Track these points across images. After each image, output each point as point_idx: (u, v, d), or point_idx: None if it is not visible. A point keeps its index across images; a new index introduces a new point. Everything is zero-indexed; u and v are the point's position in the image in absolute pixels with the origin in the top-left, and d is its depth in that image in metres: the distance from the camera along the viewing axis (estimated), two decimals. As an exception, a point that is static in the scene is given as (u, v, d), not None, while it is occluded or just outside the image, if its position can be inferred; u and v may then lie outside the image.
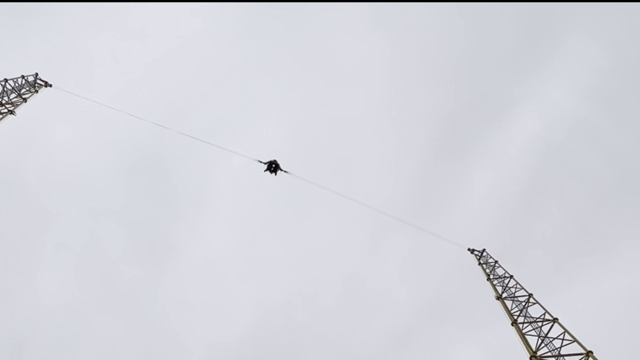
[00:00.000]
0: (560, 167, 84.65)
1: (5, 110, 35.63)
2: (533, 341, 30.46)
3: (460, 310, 76.54)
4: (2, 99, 35.79)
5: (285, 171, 44.27)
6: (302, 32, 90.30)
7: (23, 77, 38.08)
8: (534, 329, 31.79)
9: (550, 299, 35.28)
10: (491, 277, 41.04)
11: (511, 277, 39.45)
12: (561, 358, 28.09)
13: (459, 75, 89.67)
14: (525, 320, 32.95)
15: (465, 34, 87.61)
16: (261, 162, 43.55)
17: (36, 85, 38.93)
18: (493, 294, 38.08)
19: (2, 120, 35.11)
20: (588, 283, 73.48)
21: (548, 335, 30.37)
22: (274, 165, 43.62)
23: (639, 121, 78.92)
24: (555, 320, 31.49)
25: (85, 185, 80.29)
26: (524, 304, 35.01)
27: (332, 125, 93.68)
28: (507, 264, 41.10)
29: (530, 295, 35.63)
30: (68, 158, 79.06)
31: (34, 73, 38.89)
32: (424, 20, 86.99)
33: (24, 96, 37.24)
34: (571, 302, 67.78)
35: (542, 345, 29.79)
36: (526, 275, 39.93)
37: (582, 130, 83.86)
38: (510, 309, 34.92)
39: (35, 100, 38.23)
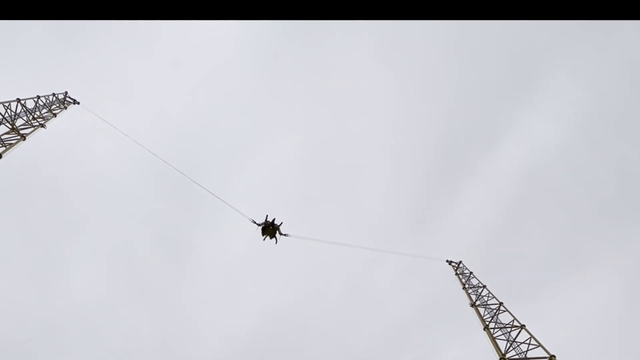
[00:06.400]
0: (543, 192, 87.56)
1: (37, 124, 36.21)
2: (503, 345, 31.16)
3: (448, 315, 78.41)
4: (35, 114, 36.39)
5: (284, 234, 36.89)
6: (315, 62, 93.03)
7: (54, 94, 38.79)
8: (503, 334, 32.53)
9: (524, 308, 36.27)
10: (466, 286, 41.80)
11: (484, 286, 40.23)
12: (527, 360, 28.70)
13: (455, 108, 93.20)
14: (496, 326, 33.69)
15: (460, 73, 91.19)
16: (255, 222, 36.36)
17: (65, 102, 39.61)
18: (468, 302, 38.85)
19: (33, 133, 35.64)
20: (561, 296, 75.63)
21: (516, 340, 31.09)
22: (271, 226, 36.28)
23: (613, 151, 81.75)
24: (522, 326, 32.26)
25: (117, 193, 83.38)
26: (495, 311, 35.79)
27: (337, 147, 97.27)
28: (488, 276, 41.89)
29: (500, 303, 36.42)
30: (102, 168, 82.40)
31: (64, 91, 39.65)
32: (423, 59, 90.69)
33: (54, 112, 37.88)
34: (544, 312, 69.87)
35: (511, 348, 30.49)
36: (504, 286, 40.97)
37: (563, 158, 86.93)
38: (483, 315, 35.68)
39: (65, 116, 38.90)
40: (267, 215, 36.52)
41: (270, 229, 36.16)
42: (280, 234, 36.46)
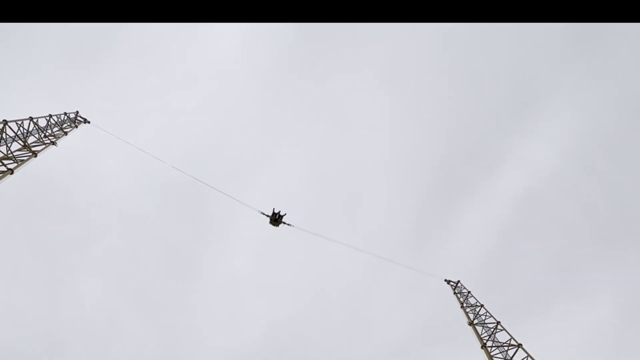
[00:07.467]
0: (540, 215, 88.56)
1: (48, 141, 37.03)
2: (500, 363, 31.35)
3: (446, 331, 78.90)
4: (46, 132, 37.23)
5: (288, 224, 42.22)
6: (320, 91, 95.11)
7: (65, 113, 39.67)
8: (500, 353, 32.71)
9: (521, 328, 36.57)
10: (464, 305, 42.04)
11: (482, 306, 40.47)
12: (524, 379, 28.89)
13: (456, 133, 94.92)
14: (494, 345, 33.87)
15: (462, 99, 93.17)
16: (264, 213, 41.48)
17: (76, 121, 40.49)
18: (466, 320, 39.04)
19: (45, 150, 36.44)
20: (558, 316, 76.11)
21: (513, 359, 31.28)
22: (277, 216, 41.39)
23: (608, 175, 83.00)
24: (519, 345, 32.48)
25: (125, 207, 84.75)
26: (492, 330, 36.00)
27: (340, 171, 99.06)
28: (486, 296, 42.33)
29: (498, 322, 36.65)
30: (115, 183, 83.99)
31: (75, 110, 40.54)
32: (424, 84, 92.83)
33: (65, 130, 38.71)
34: (541, 332, 70.18)
35: (508, 367, 30.66)
36: (501, 306, 41.40)
37: (560, 182, 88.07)
38: (480, 333, 35.87)
39: (76, 134, 39.73)
40: (274, 208, 42.15)
41: (276, 220, 41.75)
42: (284, 223, 42.06)
